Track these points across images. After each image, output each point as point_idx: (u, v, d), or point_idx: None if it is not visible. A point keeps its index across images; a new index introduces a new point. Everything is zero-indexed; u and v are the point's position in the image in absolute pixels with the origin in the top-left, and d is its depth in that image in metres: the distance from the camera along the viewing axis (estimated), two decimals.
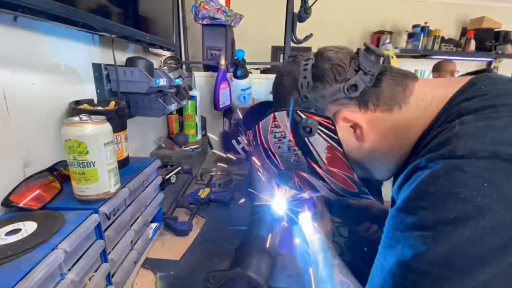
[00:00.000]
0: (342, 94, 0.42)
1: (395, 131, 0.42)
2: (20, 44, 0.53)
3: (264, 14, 2.52)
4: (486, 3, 2.81)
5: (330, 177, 0.48)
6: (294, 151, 0.48)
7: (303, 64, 0.46)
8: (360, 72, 0.42)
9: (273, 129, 0.47)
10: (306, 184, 0.52)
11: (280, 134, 0.47)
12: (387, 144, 0.44)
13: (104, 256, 0.51)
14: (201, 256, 0.67)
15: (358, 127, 0.43)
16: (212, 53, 1.46)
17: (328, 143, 0.44)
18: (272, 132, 0.48)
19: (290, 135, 0.46)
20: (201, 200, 0.89)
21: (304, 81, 0.44)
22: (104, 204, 0.49)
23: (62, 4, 0.50)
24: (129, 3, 0.82)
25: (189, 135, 1.33)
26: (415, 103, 0.41)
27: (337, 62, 0.44)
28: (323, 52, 0.46)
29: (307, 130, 0.44)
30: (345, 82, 0.42)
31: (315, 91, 0.44)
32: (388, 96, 0.42)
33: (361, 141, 0.44)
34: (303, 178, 0.51)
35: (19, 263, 0.35)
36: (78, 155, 0.45)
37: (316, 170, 0.48)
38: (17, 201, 0.46)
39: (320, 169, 0.47)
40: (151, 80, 0.78)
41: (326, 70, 0.44)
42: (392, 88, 0.42)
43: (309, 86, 0.44)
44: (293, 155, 0.48)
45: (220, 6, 1.35)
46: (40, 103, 0.57)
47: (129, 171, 0.64)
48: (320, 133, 0.44)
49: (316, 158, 0.46)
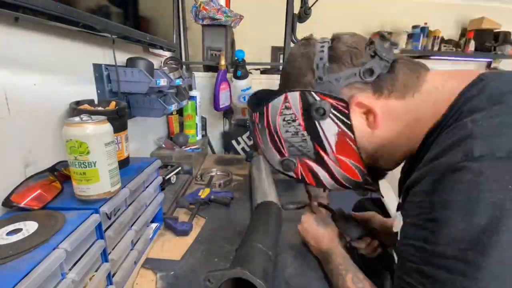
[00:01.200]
0: (358, 78, 0.42)
1: (406, 120, 0.42)
2: (21, 44, 0.53)
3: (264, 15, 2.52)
4: (486, 4, 2.82)
5: (335, 165, 0.47)
6: (303, 136, 0.46)
7: (319, 46, 0.45)
8: (376, 58, 0.41)
9: (283, 110, 0.46)
10: (309, 173, 0.51)
11: (290, 117, 0.46)
12: (397, 133, 0.43)
13: (105, 256, 0.51)
14: (201, 256, 0.67)
15: (372, 113, 0.42)
16: (212, 54, 1.46)
17: (340, 129, 0.43)
18: (281, 114, 0.46)
19: (300, 118, 0.45)
20: (201, 200, 0.89)
21: (320, 62, 0.43)
22: (104, 204, 0.49)
23: (63, 5, 0.50)
24: (129, 3, 0.82)
25: (189, 135, 1.33)
26: (427, 92, 0.41)
27: (354, 45, 0.43)
28: (339, 36, 0.45)
29: (320, 113, 0.43)
30: (361, 66, 0.42)
31: (330, 73, 0.43)
32: (403, 83, 0.41)
33: (373, 128, 0.43)
34: (307, 167, 0.50)
35: (20, 263, 0.35)
36: (79, 155, 0.45)
37: (323, 157, 0.47)
38: (18, 201, 0.46)
39: (327, 156, 0.46)
40: (152, 80, 0.78)
41: (343, 52, 0.43)
42: (406, 75, 0.42)
43: (325, 67, 0.43)
44: (300, 140, 0.47)
45: (220, 7, 1.36)
46: (41, 103, 0.58)
47: (130, 171, 0.64)
48: (333, 117, 0.43)
49: (325, 144, 0.45)
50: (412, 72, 0.42)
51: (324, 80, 0.43)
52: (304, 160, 0.49)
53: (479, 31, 2.72)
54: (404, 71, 0.42)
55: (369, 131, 0.44)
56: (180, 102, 1.04)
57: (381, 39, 0.42)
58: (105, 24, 0.65)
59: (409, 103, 0.41)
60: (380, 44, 0.42)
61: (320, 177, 0.50)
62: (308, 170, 0.50)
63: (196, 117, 1.36)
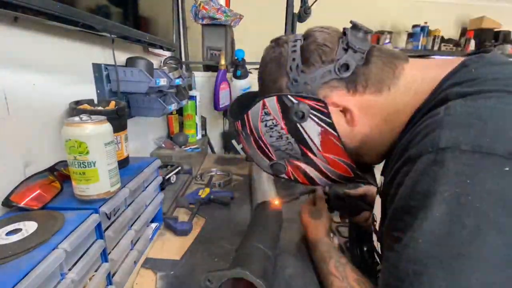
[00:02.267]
0: (334, 75, 0.41)
1: (385, 114, 0.41)
2: (20, 44, 0.53)
3: (264, 14, 2.52)
4: (486, 3, 2.81)
5: (324, 164, 0.47)
6: (287, 139, 0.46)
7: (291, 45, 0.43)
8: (350, 51, 0.40)
9: (263, 117, 0.45)
10: (300, 173, 0.50)
11: (271, 122, 0.45)
12: (377, 128, 0.42)
13: (105, 256, 0.51)
14: (201, 256, 0.67)
15: (348, 111, 0.42)
16: (212, 53, 1.46)
17: (322, 128, 0.43)
18: (262, 121, 0.46)
19: (281, 122, 0.44)
20: (201, 200, 0.89)
21: (293, 63, 0.42)
22: (104, 204, 0.49)
23: (63, 4, 0.50)
24: (129, 3, 0.82)
25: (189, 135, 1.33)
26: (405, 85, 0.40)
27: (323, 42, 0.42)
28: (310, 33, 0.44)
29: (299, 116, 0.42)
30: (336, 62, 0.40)
31: (305, 74, 0.42)
32: (377, 78, 0.40)
33: (352, 126, 0.43)
34: (297, 168, 0.49)
35: (20, 263, 0.35)
36: (78, 155, 0.45)
37: (310, 157, 0.46)
38: (18, 201, 0.46)
39: (314, 156, 0.46)
40: (151, 80, 0.78)
41: (312, 51, 0.42)
42: (381, 69, 0.40)
43: (299, 69, 0.42)
44: (285, 143, 0.46)
45: (220, 6, 1.35)
46: (41, 103, 0.58)
47: (129, 171, 0.64)
48: (313, 118, 0.42)
49: (310, 145, 0.45)
50: (386, 66, 0.41)
51: (299, 82, 0.42)
52: (292, 162, 0.49)
53: (479, 30, 2.72)
54: (378, 65, 0.41)
55: (349, 128, 0.43)
56: (180, 102, 1.04)
57: (353, 29, 0.41)
58: (105, 24, 0.65)
59: (386, 97, 0.40)
60: (353, 34, 0.41)
61: (312, 176, 0.50)
62: (299, 171, 0.50)
63: (196, 117, 1.36)
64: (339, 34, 0.43)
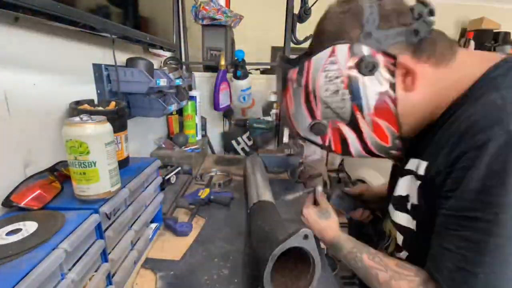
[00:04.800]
0: (403, 37, 0.42)
1: (437, 88, 0.43)
2: (21, 44, 0.53)
3: (264, 15, 2.52)
4: (485, 4, 2.82)
5: (368, 128, 0.46)
6: (343, 95, 0.45)
7: (368, 1, 0.44)
8: (421, 20, 0.42)
9: (328, 66, 0.44)
10: (338, 138, 0.49)
11: (333, 73, 0.44)
12: (428, 99, 0.44)
13: (105, 256, 0.51)
14: (201, 256, 0.67)
15: (411, 75, 0.43)
16: (212, 54, 1.46)
17: (383, 88, 0.43)
18: (325, 70, 0.44)
19: (345, 74, 0.44)
20: (201, 201, 0.89)
21: (370, 16, 0.42)
22: (104, 204, 0.49)
23: (63, 5, 0.50)
24: (129, 3, 0.82)
25: (189, 135, 1.33)
26: (457, 65, 0.43)
27: (402, 6, 0.44)
28: None
29: (369, 67, 0.42)
30: (408, 27, 0.42)
31: (380, 30, 0.42)
32: (440, 51, 0.43)
33: (409, 91, 0.44)
34: (338, 131, 0.49)
35: (20, 263, 0.35)
36: (79, 155, 0.45)
37: (357, 119, 0.46)
38: (18, 201, 0.46)
39: (363, 118, 0.46)
40: (151, 80, 0.78)
41: (391, 11, 0.43)
42: (443, 43, 0.43)
43: (375, 22, 0.42)
44: (339, 100, 0.45)
45: (220, 7, 1.36)
46: (41, 103, 0.58)
47: (129, 171, 0.64)
48: (379, 75, 0.43)
49: (363, 104, 0.44)
50: (448, 43, 0.44)
51: (373, 36, 0.42)
52: (336, 123, 0.48)
53: (479, 31, 2.72)
54: (442, 40, 0.43)
55: (404, 94, 0.44)
56: (180, 102, 1.04)
57: (422, 5, 0.42)
58: (105, 24, 0.65)
59: (442, 72, 0.43)
60: (423, 9, 0.42)
61: (349, 142, 0.49)
62: (338, 135, 0.49)
63: (196, 117, 1.36)
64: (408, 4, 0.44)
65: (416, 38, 0.42)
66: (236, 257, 0.67)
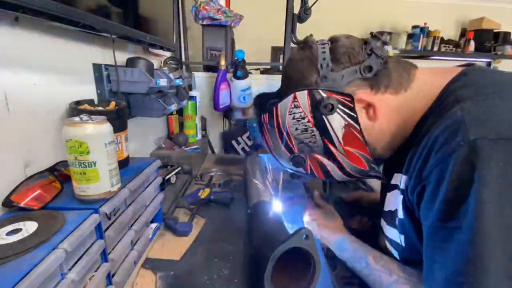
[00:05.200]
0: (358, 75, 0.46)
1: (401, 112, 0.47)
2: (21, 44, 0.53)
3: (264, 15, 2.52)
4: (486, 4, 2.82)
5: (343, 157, 0.50)
6: (312, 132, 0.50)
7: (320, 47, 0.49)
8: (373, 55, 0.46)
9: (292, 109, 0.49)
10: (318, 166, 0.54)
11: (299, 115, 0.49)
12: (395, 124, 0.48)
13: (105, 256, 0.51)
14: (201, 256, 0.67)
15: (372, 107, 0.47)
16: (212, 54, 1.46)
17: (346, 122, 0.47)
18: (291, 113, 0.49)
19: (309, 115, 0.48)
20: (201, 201, 0.89)
21: (323, 62, 0.47)
22: (104, 204, 0.49)
23: (63, 5, 0.50)
24: (129, 3, 0.82)
25: (189, 135, 1.33)
26: (417, 87, 0.47)
27: (351, 46, 0.48)
28: (336, 38, 0.50)
29: (329, 108, 0.46)
30: (360, 64, 0.46)
31: (334, 72, 0.47)
32: (396, 80, 0.47)
33: (374, 121, 0.48)
34: (316, 161, 0.53)
35: (20, 263, 0.35)
36: (79, 155, 0.45)
37: (331, 150, 0.50)
38: (18, 201, 0.46)
39: (335, 148, 0.50)
40: (151, 80, 0.78)
41: (342, 53, 0.48)
42: (399, 72, 0.47)
43: (329, 67, 0.47)
44: (309, 136, 0.50)
45: (220, 7, 1.36)
46: (41, 103, 0.58)
47: (130, 171, 0.64)
48: (340, 112, 0.47)
49: (333, 137, 0.49)
50: (403, 70, 0.48)
51: (328, 79, 0.47)
52: (313, 155, 0.53)
53: (479, 31, 2.72)
54: (397, 69, 0.48)
55: (370, 124, 0.48)
56: (180, 102, 1.04)
57: (374, 39, 0.47)
58: (105, 24, 0.65)
59: (403, 98, 0.47)
60: (375, 43, 0.47)
61: (329, 170, 0.53)
62: (317, 164, 0.54)
63: (196, 117, 1.36)
64: (361, 41, 0.49)
65: (370, 73, 0.46)
66: (236, 257, 0.67)
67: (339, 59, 0.47)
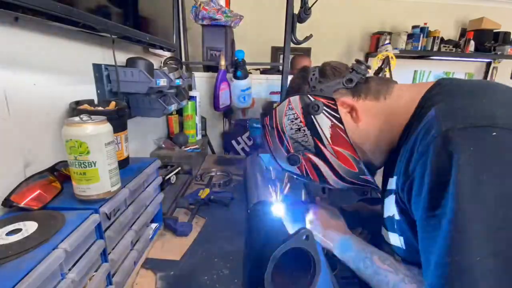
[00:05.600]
0: (341, 85, 0.56)
1: (384, 116, 0.53)
2: (21, 44, 0.53)
3: (264, 15, 2.52)
4: (486, 4, 2.82)
5: (333, 157, 0.57)
6: (304, 131, 0.58)
7: (311, 70, 0.60)
8: (353, 72, 0.55)
9: (288, 111, 0.59)
10: (312, 167, 0.60)
11: (292, 116, 0.58)
12: (378, 126, 0.54)
13: (105, 256, 0.51)
14: (201, 256, 0.67)
15: (354, 110, 0.54)
16: (212, 54, 1.46)
17: (332, 122, 0.55)
18: (286, 115, 0.59)
19: (301, 116, 0.57)
20: (201, 201, 0.89)
21: (313, 77, 0.58)
22: (104, 204, 0.49)
23: (63, 5, 0.50)
24: (129, 3, 0.82)
25: (189, 135, 1.33)
26: (396, 96, 0.53)
27: (337, 66, 0.59)
28: (325, 63, 0.60)
29: (315, 108, 0.55)
30: (343, 78, 0.56)
31: (321, 83, 0.57)
32: (375, 89, 0.55)
33: (357, 122, 0.54)
34: (309, 161, 0.60)
35: (20, 263, 0.35)
36: (79, 155, 0.45)
37: (321, 150, 0.57)
38: (18, 201, 0.46)
39: (325, 148, 0.57)
40: (151, 80, 0.78)
41: (329, 70, 0.58)
42: (377, 84, 0.56)
43: (317, 79, 0.58)
44: (302, 135, 0.58)
45: (220, 7, 1.36)
46: (41, 103, 0.58)
47: (129, 172, 0.64)
48: (325, 113, 0.55)
49: (322, 137, 0.56)
50: (383, 83, 0.55)
51: (316, 88, 0.57)
52: (307, 154, 0.60)
53: (479, 31, 2.72)
54: (376, 82, 0.56)
55: (354, 125, 0.55)
56: (180, 102, 1.04)
57: (357, 63, 0.56)
58: (105, 24, 0.65)
59: (383, 103, 0.54)
60: (357, 65, 0.56)
61: (322, 171, 0.60)
62: (311, 165, 0.60)
63: (196, 117, 1.36)
64: (346, 65, 0.59)
65: (351, 84, 0.55)
66: (236, 257, 0.67)
67: (326, 74, 0.58)
